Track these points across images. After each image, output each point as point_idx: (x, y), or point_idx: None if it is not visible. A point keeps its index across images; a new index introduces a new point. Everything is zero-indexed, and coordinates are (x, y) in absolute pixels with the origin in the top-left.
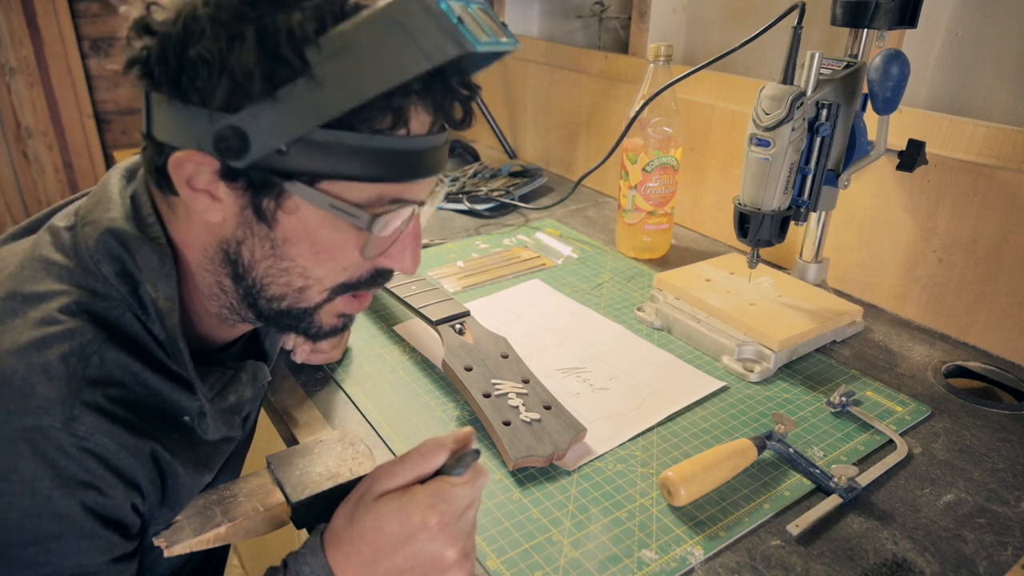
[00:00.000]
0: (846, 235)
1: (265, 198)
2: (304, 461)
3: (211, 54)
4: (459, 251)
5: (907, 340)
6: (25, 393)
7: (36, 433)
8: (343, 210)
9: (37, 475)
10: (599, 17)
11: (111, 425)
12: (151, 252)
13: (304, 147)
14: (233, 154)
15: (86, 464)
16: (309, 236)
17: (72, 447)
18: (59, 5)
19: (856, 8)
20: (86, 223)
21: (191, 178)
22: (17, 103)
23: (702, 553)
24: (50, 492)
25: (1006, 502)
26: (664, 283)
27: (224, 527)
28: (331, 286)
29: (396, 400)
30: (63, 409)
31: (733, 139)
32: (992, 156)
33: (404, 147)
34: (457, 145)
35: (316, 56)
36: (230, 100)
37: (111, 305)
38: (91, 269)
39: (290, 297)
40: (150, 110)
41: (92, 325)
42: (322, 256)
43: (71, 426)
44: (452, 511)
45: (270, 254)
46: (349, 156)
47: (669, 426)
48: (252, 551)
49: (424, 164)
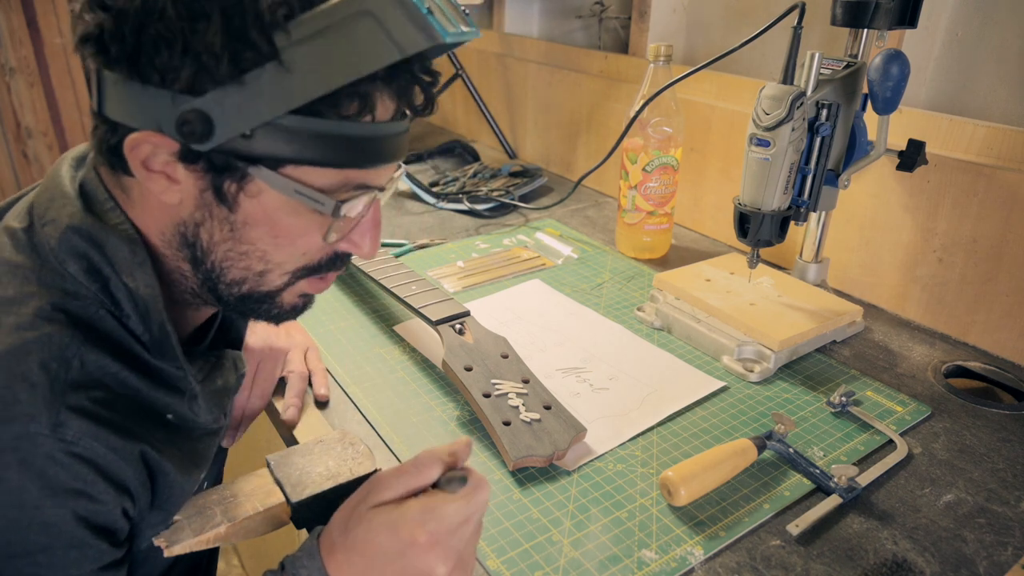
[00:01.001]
0: (846, 235)
1: (227, 181)
2: (304, 461)
3: (172, 33)
4: (459, 251)
5: (907, 340)
6: (8, 402)
7: (23, 441)
8: (308, 196)
9: (25, 485)
10: (599, 17)
11: (98, 428)
12: (120, 242)
13: (270, 132)
14: (196, 138)
15: (76, 470)
16: (269, 220)
17: (61, 453)
18: (59, 5)
19: (856, 8)
20: (45, 223)
21: (147, 159)
22: (17, 103)
23: (702, 553)
24: (39, 502)
25: (1006, 502)
26: (664, 283)
27: (224, 527)
28: (292, 270)
29: (396, 400)
30: (49, 415)
31: (733, 139)
32: (992, 156)
33: (369, 133)
34: (457, 145)
35: (285, 41)
36: (194, 83)
37: (84, 304)
38: (57, 269)
39: (250, 281)
40: (102, 87)
41: (69, 327)
42: (281, 240)
43: (59, 431)
44: (443, 528)
45: (229, 237)
46: (315, 142)
47: (669, 426)
48: (252, 551)
49: (388, 150)
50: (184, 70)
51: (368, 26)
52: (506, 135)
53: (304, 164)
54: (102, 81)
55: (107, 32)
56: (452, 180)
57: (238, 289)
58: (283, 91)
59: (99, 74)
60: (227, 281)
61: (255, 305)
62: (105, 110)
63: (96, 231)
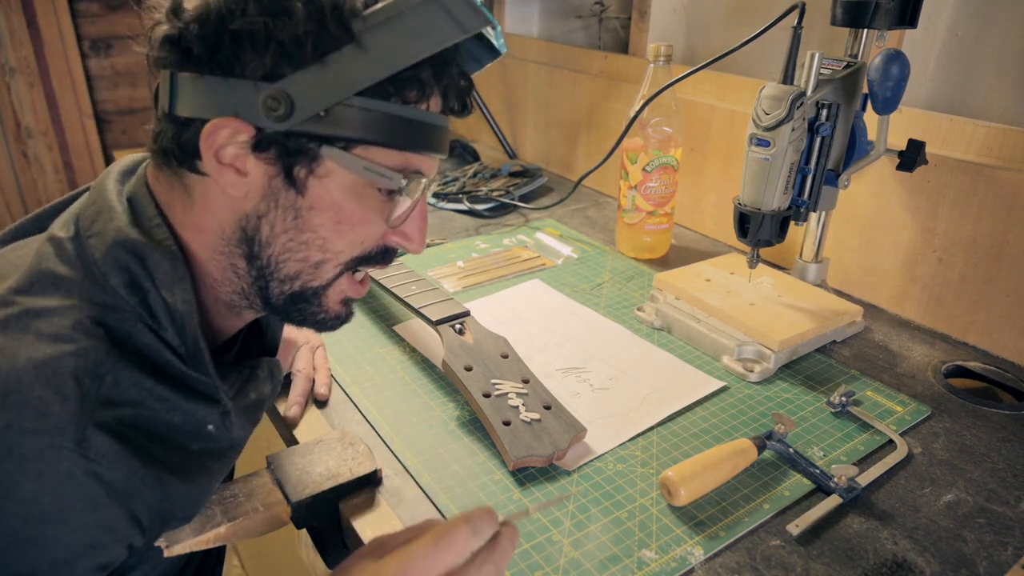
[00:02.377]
0: (846, 235)
1: (298, 164)
2: (304, 461)
3: (258, 27)
4: (459, 251)
5: (907, 340)
6: (40, 413)
7: (47, 452)
8: (377, 172)
9: (37, 498)
10: (599, 17)
11: (123, 448)
12: (161, 258)
13: (342, 112)
14: (278, 118)
15: (91, 491)
16: (335, 205)
17: (80, 471)
18: (59, 5)
19: (856, 8)
20: (91, 235)
21: (220, 150)
22: (17, 103)
23: (702, 553)
24: (46, 517)
25: (1006, 502)
26: (664, 283)
27: (224, 527)
28: (346, 260)
29: (396, 400)
30: (76, 430)
31: (733, 139)
32: (992, 156)
33: (427, 120)
34: (457, 145)
35: (361, 26)
36: (276, 67)
37: (122, 317)
38: (100, 282)
39: (304, 274)
40: (175, 89)
41: (105, 343)
42: (343, 227)
43: (82, 447)
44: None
45: (292, 226)
46: (383, 122)
47: (669, 426)
48: (252, 551)
49: (439, 140)
50: (268, 57)
51: (434, 10)
52: (506, 135)
53: (372, 145)
54: (175, 83)
55: (188, 34)
56: (452, 180)
57: (290, 286)
58: (358, 71)
59: (173, 77)
60: (281, 277)
61: (303, 305)
62: (177, 110)
63: (140, 246)
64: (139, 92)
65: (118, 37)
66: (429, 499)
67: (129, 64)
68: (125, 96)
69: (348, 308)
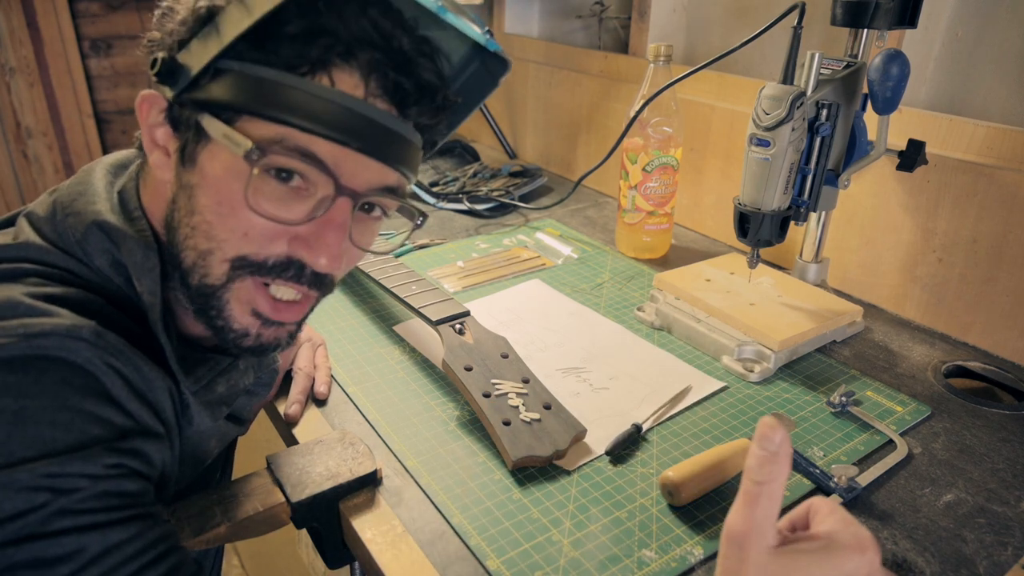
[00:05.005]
0: (846, 235)
1: (188, 136)
2: (304, 461)
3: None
4: (459, 251)
5: (907, 340)
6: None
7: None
8: (230, 138)
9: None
10: (599, 17)
11: (132, 351)
12: (135, 246)
13: (217, 77)
14: (170, 85)
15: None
16: (216, 182)
17: (99, 360)
18: (59, 5)
19: (856, 8)
20: (68, 213)
21: (153, 129)
22: (17, 103)
23: (702, 553)
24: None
25: (1006, 502)
26: (664, 283)
27: (224, 527)
28: (232, 256)
29: (396, 400)
30: (91, 327)
31: (733, 139)
32: (992, 156)
33: (316, 92)
34: (457, 145)
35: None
36: (183, 36)
37: (107, 294)
38: (81, 259)
39: (199, 267)
40: None
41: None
42: (224, 209)
43: (101, 339)
44: None
45: (187, 208)
46: (254, 87)
47: (669, 426)
48: (252, 551)
49: (340, 122)
50: (175, 26)
51: None
52: (506, 135)
53: (243, 113)
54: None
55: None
56: (452, 180)
57: (192, 279)
58: (229, 25)
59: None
60: (184, 268)
61: (208, 309)
62: None
63: (116, 231)
64: (139, 92)
65: (118, 37)
66: (429, 499)
67: (129, 64)
68: (125, 96)
69: (267, 328)
